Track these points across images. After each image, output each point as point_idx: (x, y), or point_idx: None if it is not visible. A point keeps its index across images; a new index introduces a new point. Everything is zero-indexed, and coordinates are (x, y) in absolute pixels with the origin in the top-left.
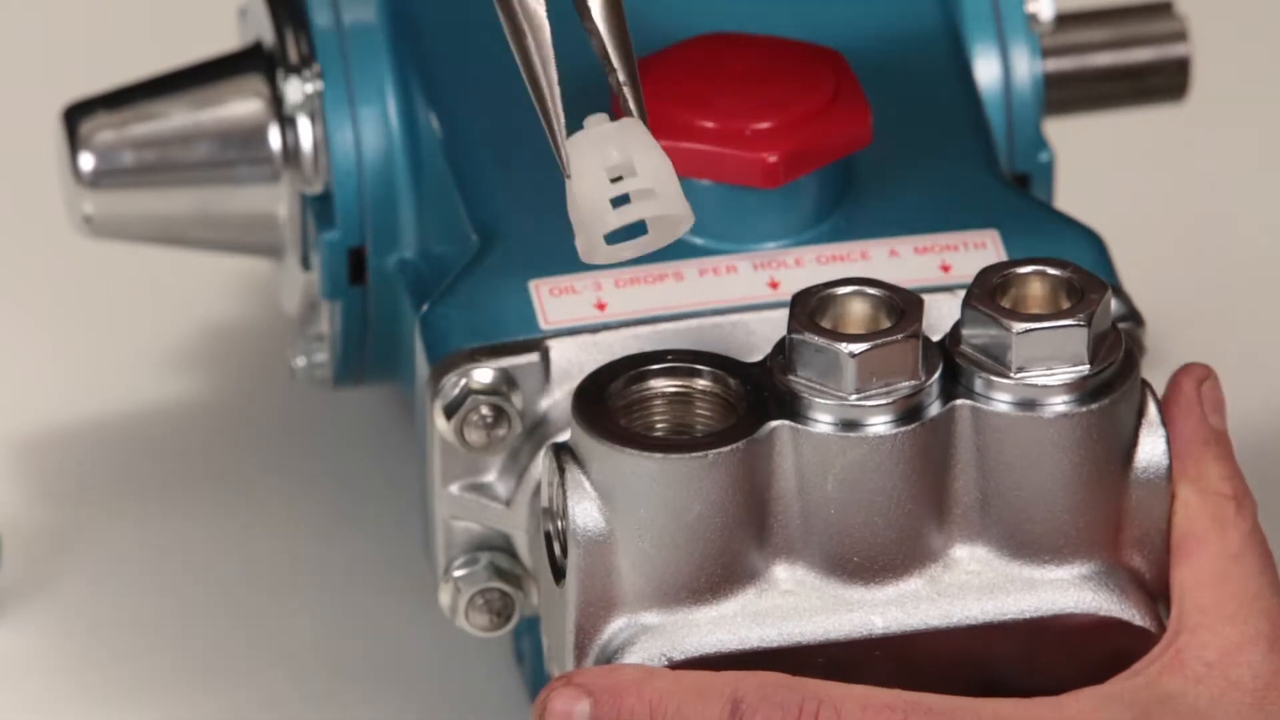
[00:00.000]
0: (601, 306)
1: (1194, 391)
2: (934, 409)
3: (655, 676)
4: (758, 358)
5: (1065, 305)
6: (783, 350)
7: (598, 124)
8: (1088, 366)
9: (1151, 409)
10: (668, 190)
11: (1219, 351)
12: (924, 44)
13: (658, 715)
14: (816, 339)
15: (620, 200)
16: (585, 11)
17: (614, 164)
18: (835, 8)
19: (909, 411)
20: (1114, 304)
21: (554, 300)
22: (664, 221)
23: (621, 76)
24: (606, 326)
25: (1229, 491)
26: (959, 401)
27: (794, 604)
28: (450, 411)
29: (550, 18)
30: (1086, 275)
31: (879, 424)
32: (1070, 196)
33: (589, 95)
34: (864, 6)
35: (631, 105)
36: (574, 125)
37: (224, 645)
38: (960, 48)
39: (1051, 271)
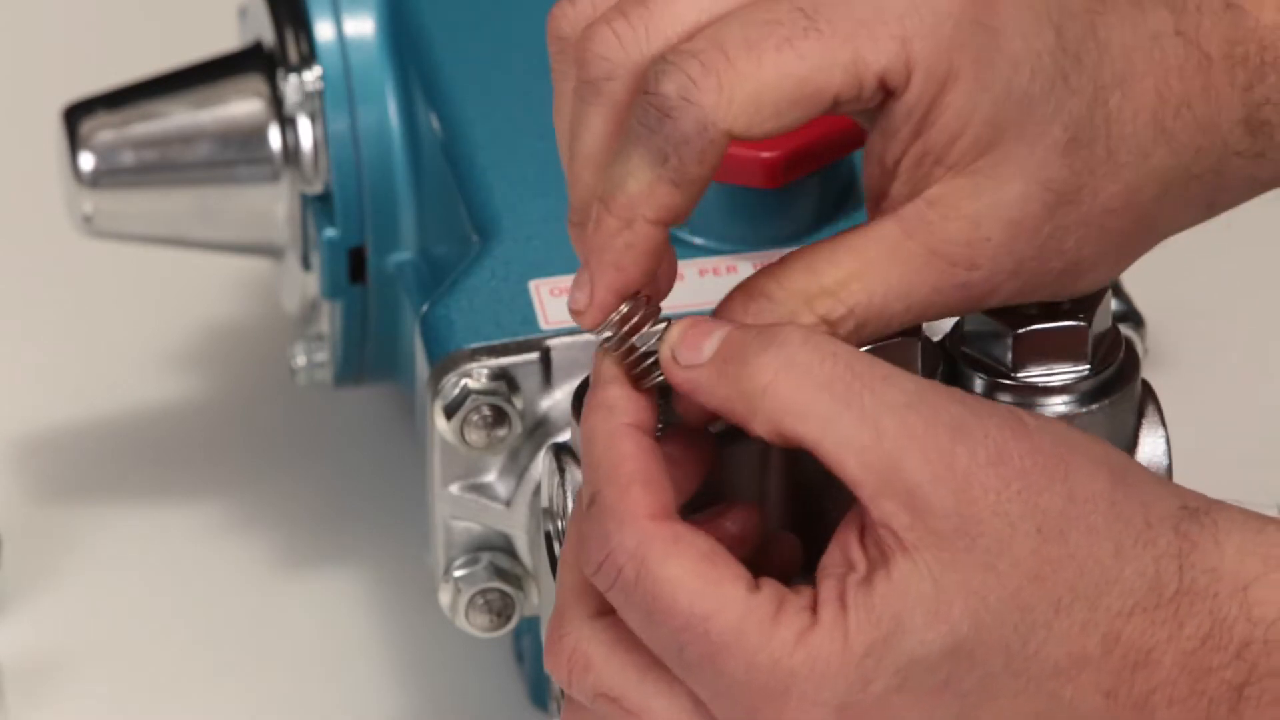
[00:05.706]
0: None
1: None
2: None
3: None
4: None
5: (1065, 305)
6: None
7: None
8: (1088, 367)
9: (1151, 409)
10: None
11: (1219, 352)
12: None
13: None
14: None
15: None
16: None
17: None
18: None
19: None
20: (1114, 304)
21: (554, 300)
22: None
23: None
24: None
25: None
26: None
27: None
28: (450, 411)
29: None
30: None
31: None
32: None
33: None
34: None
35: None
36: None
37: (223, 645)
38: None
39: None
